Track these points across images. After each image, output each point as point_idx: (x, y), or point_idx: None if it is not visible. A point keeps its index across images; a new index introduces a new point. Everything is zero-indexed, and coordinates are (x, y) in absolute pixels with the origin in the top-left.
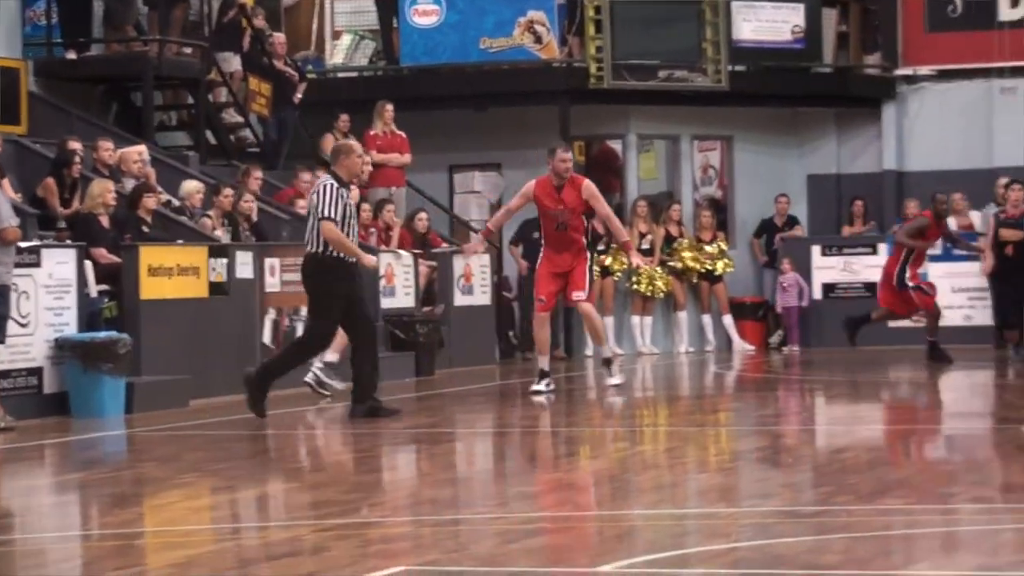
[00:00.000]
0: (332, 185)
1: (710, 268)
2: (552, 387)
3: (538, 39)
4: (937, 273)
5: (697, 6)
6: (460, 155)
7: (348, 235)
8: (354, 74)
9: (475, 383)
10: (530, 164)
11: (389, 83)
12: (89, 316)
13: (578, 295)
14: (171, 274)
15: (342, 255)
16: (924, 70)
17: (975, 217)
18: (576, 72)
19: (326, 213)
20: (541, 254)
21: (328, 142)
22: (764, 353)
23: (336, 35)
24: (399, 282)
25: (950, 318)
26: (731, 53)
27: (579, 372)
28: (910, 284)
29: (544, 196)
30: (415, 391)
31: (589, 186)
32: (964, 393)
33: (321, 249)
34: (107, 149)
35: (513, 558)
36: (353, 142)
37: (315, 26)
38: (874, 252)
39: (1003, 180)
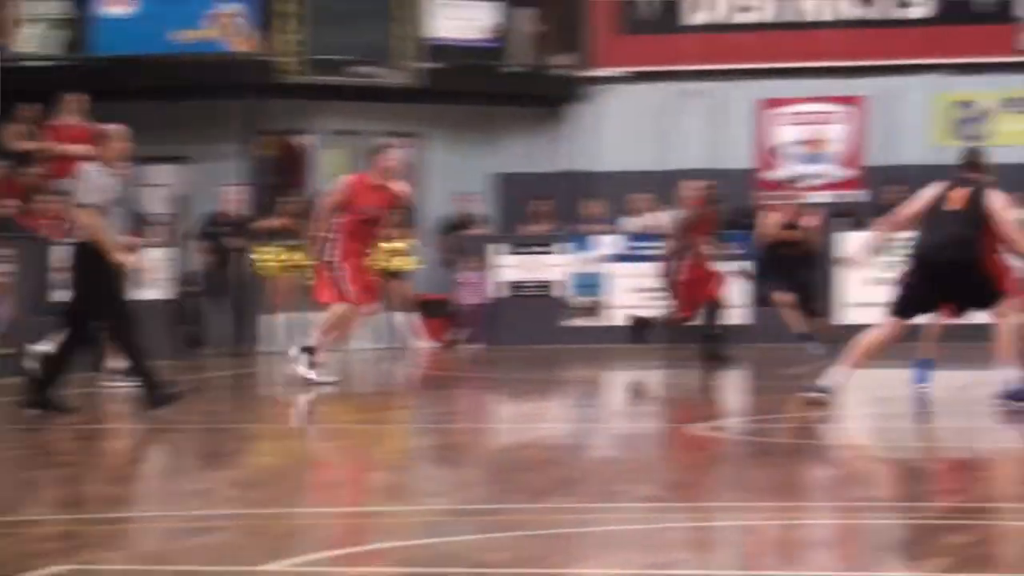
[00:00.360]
0: (95, 171)
1: (396, 265)
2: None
3: (231, 32)
4: (619, 272)
5: (389, 1)
6: (149, 148)
7: (110, 223)
8: (43, 63)
9: None
10: (221, 157)
11: (79, 73)
12: None
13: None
14: None
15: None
16: (613, 72)
17: (658, 218)
18: (268, 66)
19: (85, 200)
20: (341, 248)
21: (12, 133)
22: (447, 350)
23: (25, 23)
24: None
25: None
26: (425, 50)
27: (254, 368)
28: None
29: (362, 193)
30: (91, 386)
31: (402, 185)
32: (638, 392)
33: (88, 238)
34: None
35: (180, 557)
36: (119, 127)
37: (2, 14)
38: (558, 251)
39: (696, 184)
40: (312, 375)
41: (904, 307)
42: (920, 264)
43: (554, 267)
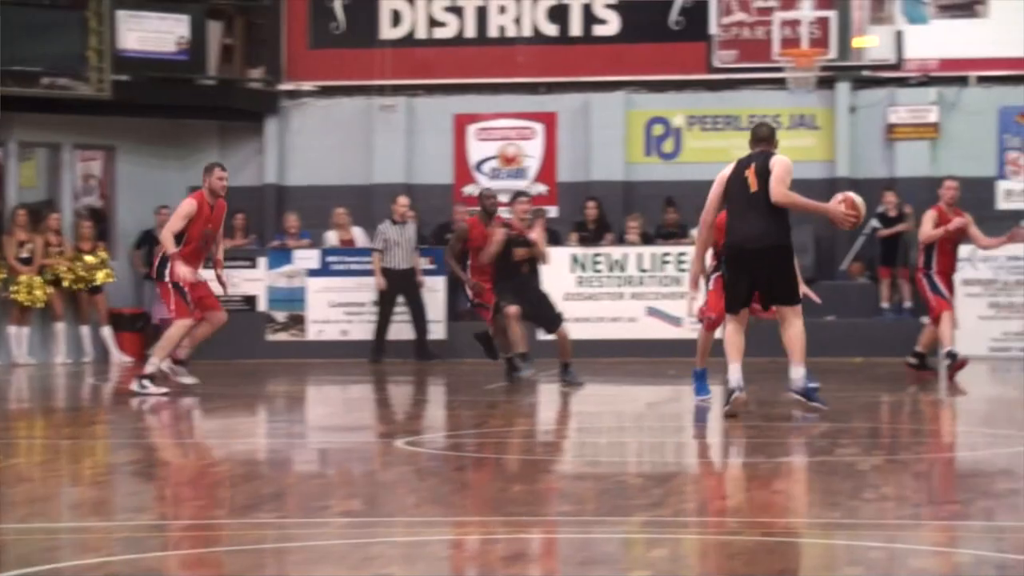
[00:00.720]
0: None
1: (89, 278)
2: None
3: None
4: (314, 288)
5: (82, 13)
6: None
7: None
8: None
9: None
10: None
11: None
12: None
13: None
14: None
15: None
16: (306, 86)
17: (356, 232)
18: None
19: None
20: (169, 271)
21: None
22: (143, 365)
23: None
24: None
25: (327, 333)
26: (116, 62)
27: None
28: (475, 301)
29: (203, 212)
30: None
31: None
32: (341, 407)
33: None
34: None
35: None
36: None
37: None
38: (254, 265)
39: (402, 200)
40: (153, 389)
41: (733, 303)
42: (736, 255)
43: (252, 281)
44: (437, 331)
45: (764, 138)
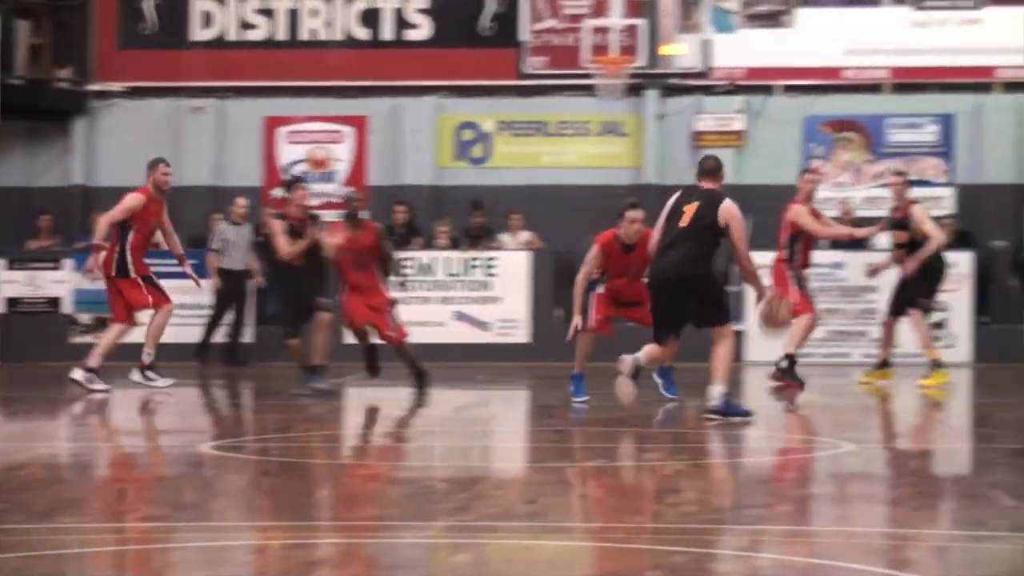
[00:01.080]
0: None
1: None
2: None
3: None
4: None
5: None
6: None
7: None
8: None
9: None
10: None
11: None
12: None
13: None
14: None
15: None
16: (116, 86)
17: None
18: None
19: None
20: (132, 265)
21: None
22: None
23: None
24: None
25: (133, 335)
26: None
27: None
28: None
29: (150, 208)
30: None
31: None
32: (147, 411)
33: None
34: None
35: None
36: None
37: None
38: (59, 267)
39: (241, 201)
40: (145, 380)
41: (659, 330)
42: (655, 286)
43: (56, 283)
44: (245, 335)
45: (710, 171)
